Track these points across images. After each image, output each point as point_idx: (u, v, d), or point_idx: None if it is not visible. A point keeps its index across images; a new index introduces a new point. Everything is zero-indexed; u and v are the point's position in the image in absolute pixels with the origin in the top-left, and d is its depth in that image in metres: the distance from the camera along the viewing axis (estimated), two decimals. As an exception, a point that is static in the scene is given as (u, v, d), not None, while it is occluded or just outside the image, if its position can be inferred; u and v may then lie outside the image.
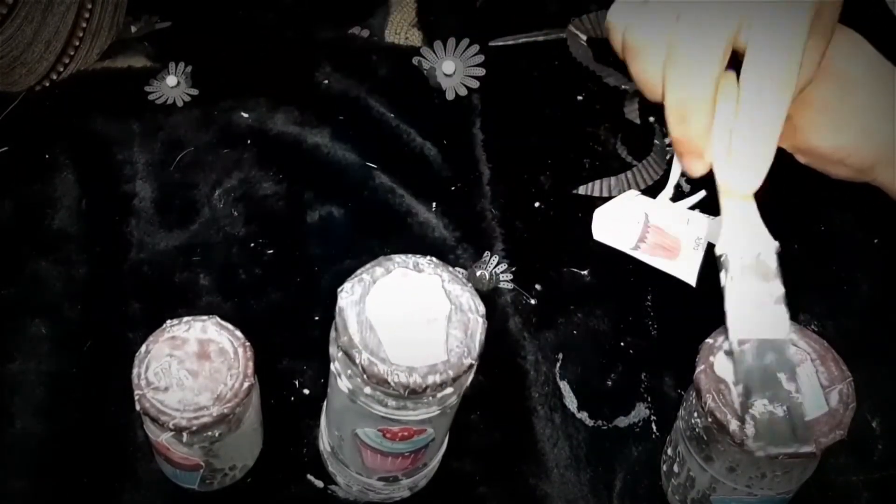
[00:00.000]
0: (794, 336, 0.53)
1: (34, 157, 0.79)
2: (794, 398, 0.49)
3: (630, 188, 0.77)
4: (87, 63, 0.85)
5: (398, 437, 0.57)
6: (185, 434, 0.57)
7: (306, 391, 0.69)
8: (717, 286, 0.50)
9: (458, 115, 0.85)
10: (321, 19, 0.90)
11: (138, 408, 0.57)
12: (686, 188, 0.75)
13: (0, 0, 0.75)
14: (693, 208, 0.64)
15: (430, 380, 0.51)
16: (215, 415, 0.56)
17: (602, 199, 0.76)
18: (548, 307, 0.74)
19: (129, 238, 0.75)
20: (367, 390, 0.53)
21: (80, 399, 0.67)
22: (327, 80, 0.86)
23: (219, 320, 0.60)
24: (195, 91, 0.84)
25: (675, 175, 0.60)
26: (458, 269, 0.72)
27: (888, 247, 0.77)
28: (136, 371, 0.58)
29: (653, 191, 0.74)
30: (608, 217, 0.70)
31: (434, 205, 0.79)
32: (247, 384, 0.58)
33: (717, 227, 0.53)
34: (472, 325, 0.54)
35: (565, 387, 0.70)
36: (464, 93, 0.86)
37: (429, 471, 0.65)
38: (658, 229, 0.68)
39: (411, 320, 0.54)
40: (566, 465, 0.67)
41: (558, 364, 0.71)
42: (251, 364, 0.58)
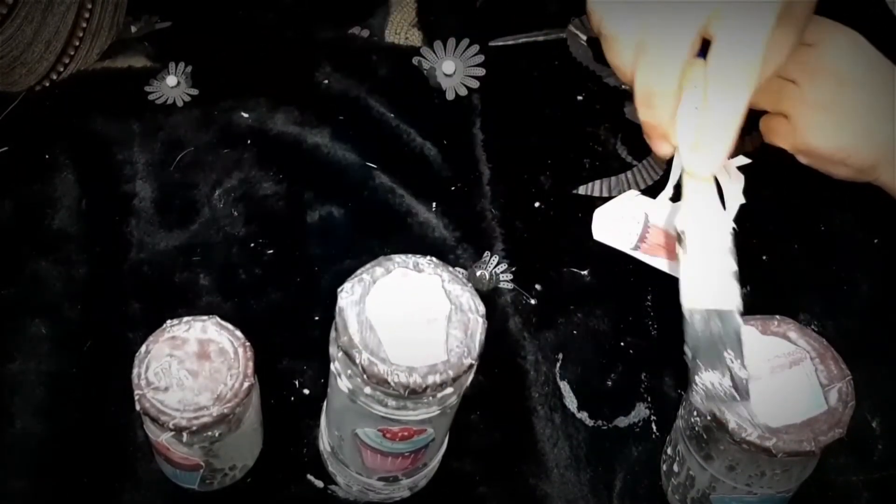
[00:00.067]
0: (739, 304, 0.56)
1: (34, 157, 0.79)
2: (734, 365, 0.54)
3: (630, 188, 0.77)
4: (87, 63, 0.85)
5: (398, 437, 0.57)
6: (185, 434, 0.57)
7: (306, 391, 0.69)
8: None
9: (458, 115, 0.85)
10: (321, 19, 0.90)
11: (138, 408, 0.57)
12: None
13: (0, 0, 0.75)
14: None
15: (430, 380, 0.51)
16: (215, 415, 0.56)
17: (602, 199, 0.76)
18: (548, 307, 0.74)
19: (129, 238, 0.75)
20: (367, 390, 0.53)
21: (80, 399, 0.67)
22: (327, 80, 0.86)
23: (219, 320, 0.60)
24: (195, 91, 0.84)
25: (675, 175, 0.60)
26: (458, 269, 0.72)
27: (888, 247, 0.77)
28: (136, 371, 0.58)
29: (653, 191, 0.74)
30: (608, 217, 0.70)
31: (434, 205, 0.79)
32: (247, 384, 0.58)
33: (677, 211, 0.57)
34: (472, 325, 0.54)
35: (565, 387, 0.70)
36: (464, 93, 0.86)
37: (429, 471, 0.65)
38: (658, 229, 0.68)
39: (411, 320, 0.54)
40: (566, 465, 0.67)
41: (558, 364, 0.71)
42: (251, 364, 0.58)
